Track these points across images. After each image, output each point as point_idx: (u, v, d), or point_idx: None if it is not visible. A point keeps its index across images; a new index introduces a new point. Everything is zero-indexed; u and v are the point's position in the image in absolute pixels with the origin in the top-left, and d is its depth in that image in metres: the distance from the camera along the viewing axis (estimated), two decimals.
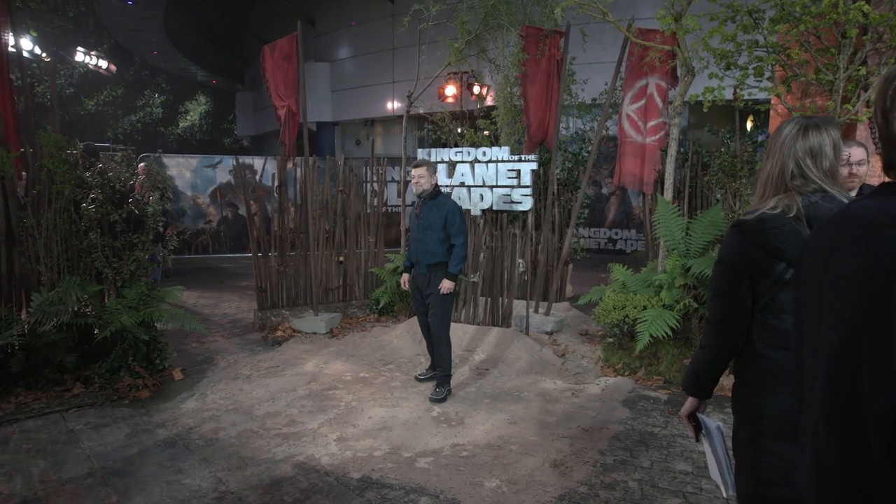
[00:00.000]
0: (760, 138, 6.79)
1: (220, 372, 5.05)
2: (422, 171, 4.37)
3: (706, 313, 1.76)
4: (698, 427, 1.87)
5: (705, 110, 4.74)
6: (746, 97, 4.92)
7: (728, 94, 4.62)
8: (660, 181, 5.83)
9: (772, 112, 4.94)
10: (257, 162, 12.36)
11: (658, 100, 5.55)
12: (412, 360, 5.31)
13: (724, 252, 1.69)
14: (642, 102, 5.65)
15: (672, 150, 5.30)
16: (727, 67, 4.46)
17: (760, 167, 1.77)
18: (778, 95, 4.44)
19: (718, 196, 5.97)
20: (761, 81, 4.38)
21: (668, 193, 5.38)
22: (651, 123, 5.61)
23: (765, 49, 4.29)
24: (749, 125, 10.29)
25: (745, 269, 1.63)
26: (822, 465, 0.87)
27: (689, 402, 1.86)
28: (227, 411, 4.15)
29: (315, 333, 6.24)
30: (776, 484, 1.58)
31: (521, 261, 5.88)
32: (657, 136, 5.61)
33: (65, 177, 4.53)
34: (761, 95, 4.63)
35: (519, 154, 5.67)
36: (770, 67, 4.38)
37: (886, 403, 0.75)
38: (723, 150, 6.09)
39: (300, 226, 6.60)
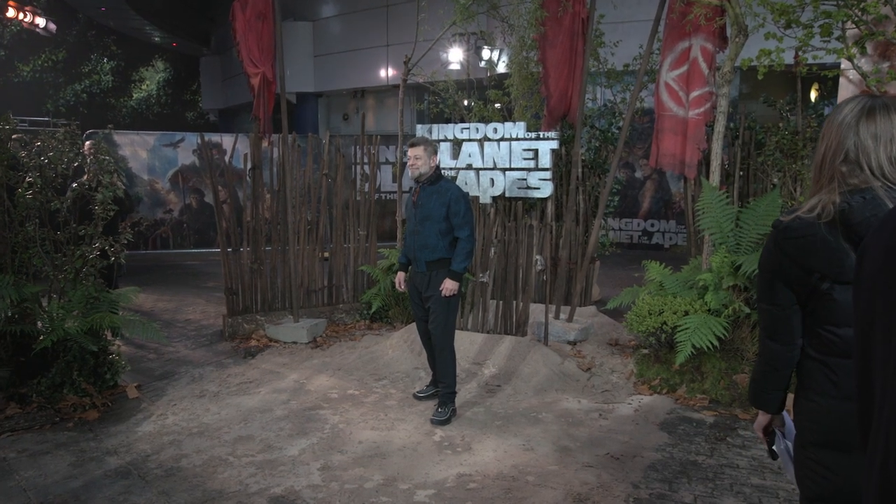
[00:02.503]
0: (827, 111, 6.75)
1: (183, 388, 5.05)
2: (419, 150, 4.35)
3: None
4: (771, 441, 2.03)
5: (760, 77, 4.71)
6: (810, 61, 4.88)
7: (788, 58, 4.58)
8: (705, 163, 5.80)
9: (841, 79, 4.89)
10: (226, 140, 12.35)
11: (703, 65, 5.51)
12: (410, 375, 5.31)
13: (762, 257, 1.83)
14: (684, 69, 5.61)
15: (720, 126, 5.26)
16: (787, 25, 4.42)
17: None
18: (850, 59, 4.39)
19: (775, 180, 5.94)
20: (829, 42, 4.34)
21: (715, 177, 5.35)
22: (694, 94, 5.58)
23: (834, 3, 4.24)
24: (813, 95, 10.23)
25: (781, 276, 1.76)
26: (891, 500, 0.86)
27: (761, 416, 2.00)
28: (190, 435, 4.15)
29: (295, 343, 6.25)
30: (819, 497, 1.75)
31: (538, 257, 5.87)
32: (702, 109, 5.57)
33: None
34: (829, 59, 4.59)
35: (537, 131, 5.64)
36: (840, 25, 4.34)
37: None
38: (781, 125, 6.05)
39: (277, 216, 6.59)
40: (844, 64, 4.74)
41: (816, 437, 1.75)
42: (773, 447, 2.03)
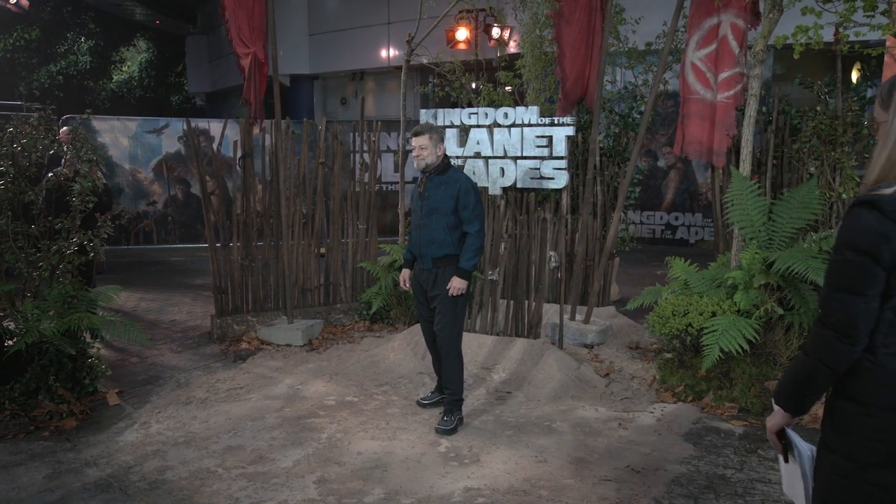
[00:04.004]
0: (870, 93, 6.69)
1: (168, 395, 5.06)
2: (424, 139, 4.34)
3: (819, 312, 1.80)
4: (787, 447, 1.97)
5: (796, 57, 4.69)
6: (852, 38, 4.85)
7: (827, 35, 4.56)
8: (734, 150, 5.78)
9: (886, 58, 4.88)
10: (214, 126, 12.38)
11: (733, 44, 5.49)
12: (413, 381, 5.31)
13: (853, 236, 1.70)
14: (712, 47, 5.58)
15: (751, 110, 5.24)
16: None
17: (878, 130, 1.78)
18: None
19: (812, 169, 5.91)
20: (873, 17, 4.31)
21: (746, 166, 5.33)
22: (724, 75, 5.55)
23: None
24: (855, 76, 10.15)
25: (883, 258, 1.66)
26: None
27: (780, 417, 1.92)
28: (176, 445, 4.16)
29: (289, 346, 6.26)
30: None
31: (552, 253, 5.86)
32: (732, 92, 5.55)
33: None
34: (872, 36, 4.57)
35: (551, 116, 5.63)
36: None
37: None
38: (819, 108, 6.02)
39: (270, 208, 6.60)
40: (890, 41, 4.71)
41: (883, 457, 1.66)
42: (789, 453, 1.97)
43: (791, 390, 1.87)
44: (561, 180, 5.55)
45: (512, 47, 11.45)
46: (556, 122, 5.54)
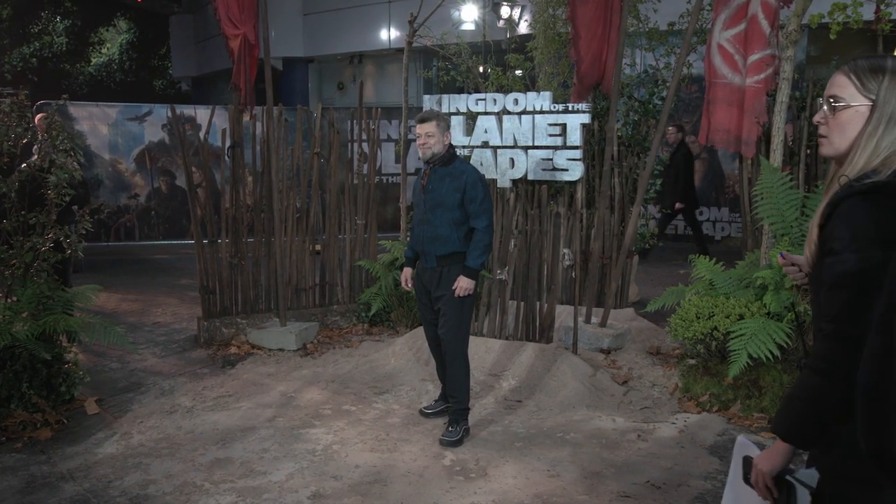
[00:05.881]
0: None
1: (151, 403, 5.07)
2: (431, 126, 4.34)
3: (833, 326, 1.65)
4: (790, 493, 1.73)
5: (833, 37, 4.68)
6: (894, 16, 4.82)
7: (867, 13, 4.54)
8: (764, 139, 5.76)
9: None
10: (201, 113, 12.39)
11: (764, 23, 5.46)
12: (416, 388, 5.32)
13: (885, 228, 1.59)
14: (741, 27, 5.56)
15: (783, 96, 5.22)
16: None
17: (841, 111, 1.72)
18: None
19: None
20: None
21: (777, 156, 5.31)
22: (753, 58, 5.53)
23: None
24: None
25: None
26: None
27: (784, 455, 1.76)
28: (159, 457, 4.17)
29: (282, 350, 6.26)
30: None
31: (566, 251, 5.86)
32: (762, 76, 5.52)
33: None
34: None
35: (565, 102, 5.62)
36: None
37: None
38: None
39: (261, 202, 6.60)
40: None
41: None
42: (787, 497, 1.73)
43: (803, 421, 1.71)
44: (575, 172, 5.53)
45: (523, 28, 11.45)
46: (570, 108, 5.53)
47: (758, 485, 1.77)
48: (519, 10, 11.40)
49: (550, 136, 5.56)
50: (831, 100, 1.73)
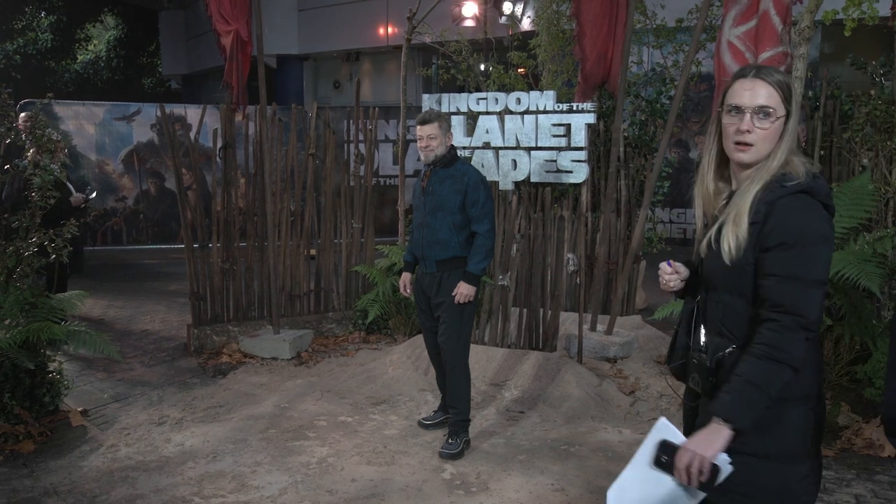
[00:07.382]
0: None
1: (139, 414, 5.06)
2: (433, 128, 4.33)
3: (789, 317, 1.87)
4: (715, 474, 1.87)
5: (847, 34, 4.68)
6: None
7: (883, 10, 4.54)
8: None
9: None
10: (191, 113, 12.40)
11: (776, 20, 5.47)
12: (414, 399, 5.31)
13: (822, 228, 1.88)
14: (752, 24, 5.57)
15: (796, 95, 5.21)
16: None
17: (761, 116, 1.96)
18: None
19: (865, 161, 5.89)
20: None
21: None
22: (765, 55, 5.53)
23: None
24: None
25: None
26: None
27: (727, 439, 1.89)
28: (147, 471, 4.16)
29: (275, 359, 6.26)
30: None
31: (571, 256, 5.85)
32: None
33: None
34: None
35: (569, 102, 5.62)
36: None
37: None
38: (873, 92, 5.99)
39: (254, 205, 6.60)
40: None
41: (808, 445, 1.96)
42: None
43: (753, 402, 1.87)
44: (580, 174, 5.53)
45: (525, 25, 11.47)
46: (574, 108, 5.53)
47: (691, 468, 1.86)
48: (521, 5, 11.42)
49: (554, 136, 5.56)
50: (764, 110, 1.94)
